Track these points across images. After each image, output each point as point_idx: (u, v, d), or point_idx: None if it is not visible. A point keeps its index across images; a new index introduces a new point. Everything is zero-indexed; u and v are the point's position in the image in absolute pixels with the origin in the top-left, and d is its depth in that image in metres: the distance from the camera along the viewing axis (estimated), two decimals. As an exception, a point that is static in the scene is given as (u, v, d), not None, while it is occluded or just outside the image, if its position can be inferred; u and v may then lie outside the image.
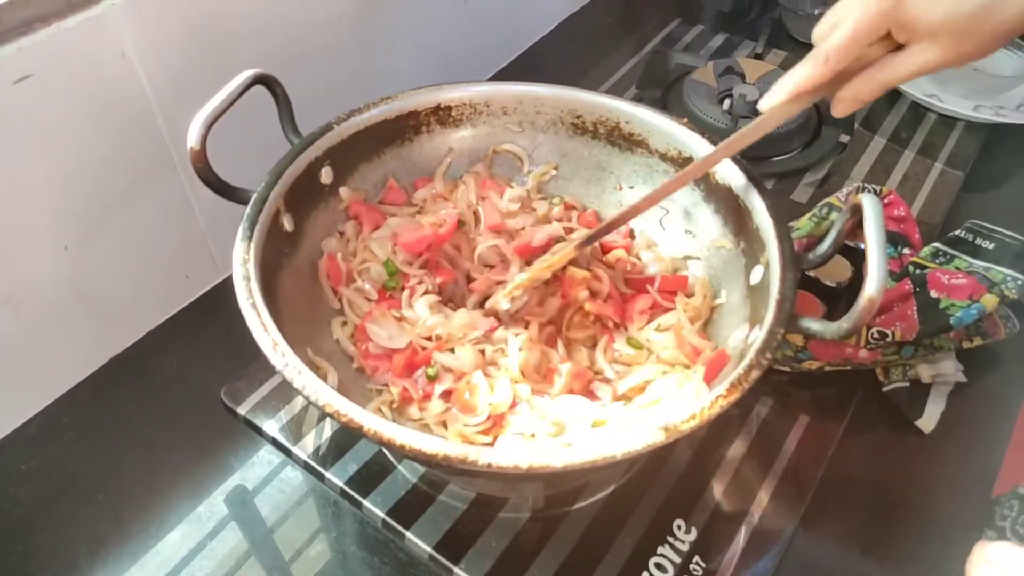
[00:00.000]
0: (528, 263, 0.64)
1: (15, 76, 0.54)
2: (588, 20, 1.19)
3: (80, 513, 0.61)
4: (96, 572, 0.58)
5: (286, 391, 0.65)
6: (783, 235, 0.53)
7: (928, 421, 0.65)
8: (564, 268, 0.61)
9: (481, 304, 0.64)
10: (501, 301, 0.59)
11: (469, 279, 0.65)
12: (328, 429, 0.63)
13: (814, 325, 0.47)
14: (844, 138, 0.92)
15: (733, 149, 0.55)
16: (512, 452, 0.42)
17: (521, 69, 1.08)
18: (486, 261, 0.66)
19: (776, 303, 0.49)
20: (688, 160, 0.63)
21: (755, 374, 0.45)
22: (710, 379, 0.54)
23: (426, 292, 0.61)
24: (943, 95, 0.97)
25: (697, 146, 0.62)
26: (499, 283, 0.63)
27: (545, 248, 0.64)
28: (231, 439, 0.66)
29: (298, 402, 0.65)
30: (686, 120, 0.64)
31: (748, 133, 0.54)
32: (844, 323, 0.45)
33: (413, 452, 0.42)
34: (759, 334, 0.48)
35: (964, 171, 0.89)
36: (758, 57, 1.05)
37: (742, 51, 1.08)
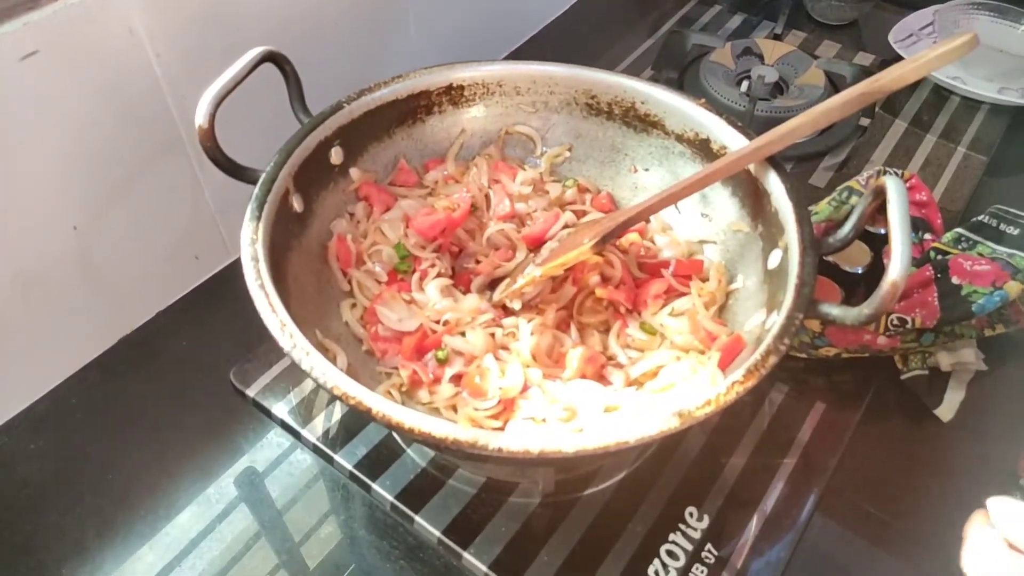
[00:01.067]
0: (535, 250, 0.63)
1: (22, 52, 0.54)
2: (603, 0, 1.17)
3: (88, 493, 0.61)
4: (104, 552, 0.58)
5: (295, 373, 0.65)
6: (803, 218, 0.52)
7: (947, 410, 0.64)
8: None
9: (487, 286, 0.63)
10: (513, 303, 0.59)
11: (477, 261, 0.64)
12: (337, 412, 0.63)
13: (834, 311, 0.46)
14: (864, 121, 0.90)
15: (764, 153, 0.54)
16: (523, 437, 0.41)
17: (534, 50, 1.07)
18: (494, 244, 0.65)
19: (795, 288, 0.48)
20: (706, 142, 0.62)
21: (772, 360, 0.44)
22: (725, 365, 0.53)
23: (438, 275, 0.60)
24: (967, 77, 0.94)
25: (715, 127, 0.61)
26: (502, 268, 0.62)
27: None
28: (240, 421, 0.65)
29: (307, 384, 0.64)
30: (704, 100, 0.62)
31: (783, 136, 0.52)
32: (865, 308, 0.44)
33: (422, 436, 0.41)
34: (777, 319, 0.47)
35: (988, 155, 0.87)
36: (777, 38, 1.03)
37: (760, 32, 1.06)
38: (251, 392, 0.64)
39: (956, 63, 0.95)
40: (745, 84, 0.91)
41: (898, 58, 0.98)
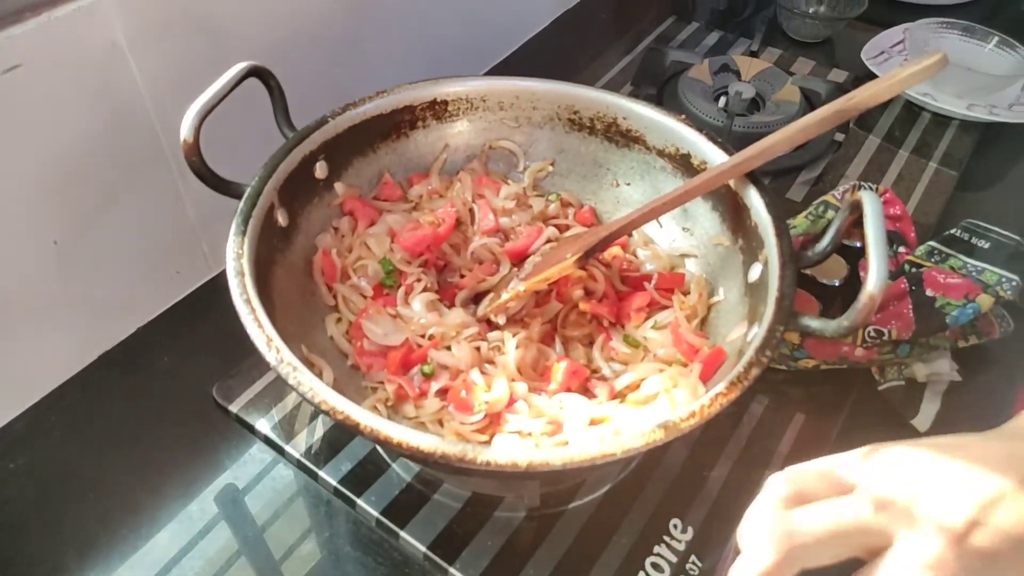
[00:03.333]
0: (519, 264, 0.63)
1: (4, 66, 0.53)
2: (583, 16, 1.18)
3: (68, 513, 0.60)
4: (86, 573, 0.57)
5: (279, 389, 0.64)
6: (782, 232, 0.53)
7: (924, 420, 0.65)
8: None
9: (471, 300, 0.63)
10: (498, 318, 0.59)
11: (462, 275, 0.65)
12: (321, 427, 0.62)
13: (814, 323, 0.47)
14: (839, 137, 0.92)
15: (743, 169, 0.55)
16: (510, 450, 0.41)
17: (516, 65, 1.07)
18: (478, 258, 0.66)
19: (776, 300, 0.49)
20: (686, 157, 0.63)
21: (755, 372, 0.45)
22: (707, 377, 0.54)
23: (424, 290, 0.60)
24: (936, 94, 0.97)
25: (695, 143, 0.62)
26: (486, 282, 0.63)
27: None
28: (222, 437, 0.65)
29: (291, 400, 0.64)
30: (684, 117, 0.63)
31: (762, 152, 0.53)
32: (844, 321, 0.44)
33: (410, 450, 0.41)
34: (758, 332, 0.48)
35: (958, 170, 0.89)
36: (753, 55, 1.04)
37: (737, 49, 1.08)
38: (234, 408, 0.63)
39: (926, 80, 0.98)
40: (723, 100, 0.92)
41: (871, 75, 1.01)
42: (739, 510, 0.57)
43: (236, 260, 0.50)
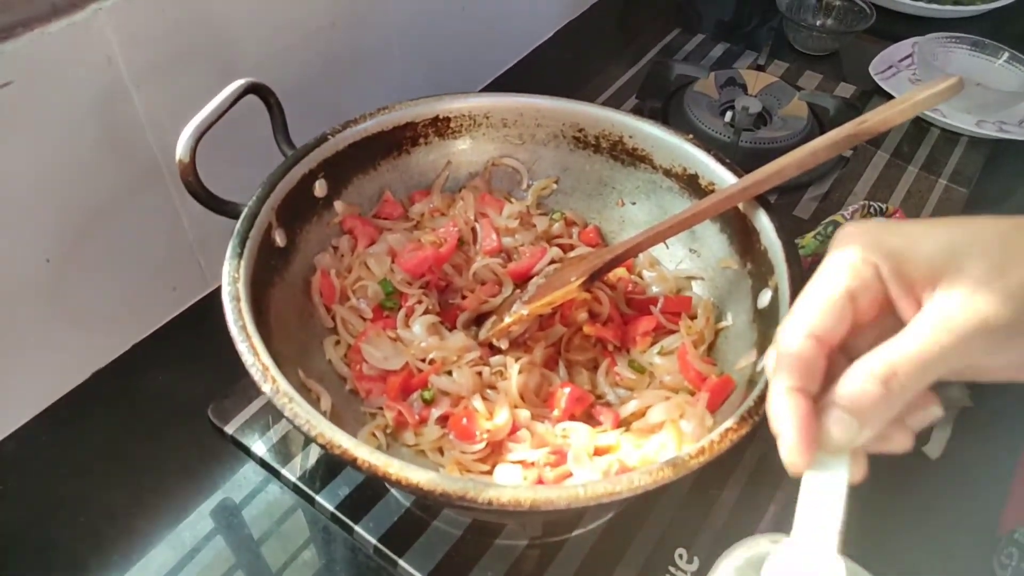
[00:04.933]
0: (521, 285, 0.62)
1: (-4, 83, 0.52)
2: (586, 29, 1.17)
3: (60, 536, 0.59)
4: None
5: (275, 409, 0.63)
6: (792, 258, 0.52)
7: (935, 447, 0.64)
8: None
9: (472, 322, 0.62)
10: (500, 342, 0.58)
11: (463, 296, 0.63)
12: (319, 450, 0.61)
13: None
14: (847, 152, 0.90)
15: (752, 192, 0.54)
16: (513, 488, 0.40)
17: (518, 78, 1.06)
18: (480, 278, 0.64)
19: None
20: (694, 177, 0.62)
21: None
22: (714, 406, 0.52)
23: (425, 312, 0.59)
24: (946, 110, 0.95)
25: (703, 163, 0.61)
26: (488, 304, 0.61)
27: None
28: (216, 457, 0.63)
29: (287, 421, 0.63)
30: (692, 136, 0.62)
31: (771, 176, 0.52)
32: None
33: (410, 487, 0.40)
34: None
35: (968, 188, 0.88)
36: (760, 68, 1.03)
37: (743, 61, 1.07)
38: (229, 429, 0.62)
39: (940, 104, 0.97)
40: (729, 114, 0.91)
41: (878, 89, 1.00)
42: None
43: (232, 284, 0.49)
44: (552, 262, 0.64)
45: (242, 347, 0.46)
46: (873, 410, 0.30)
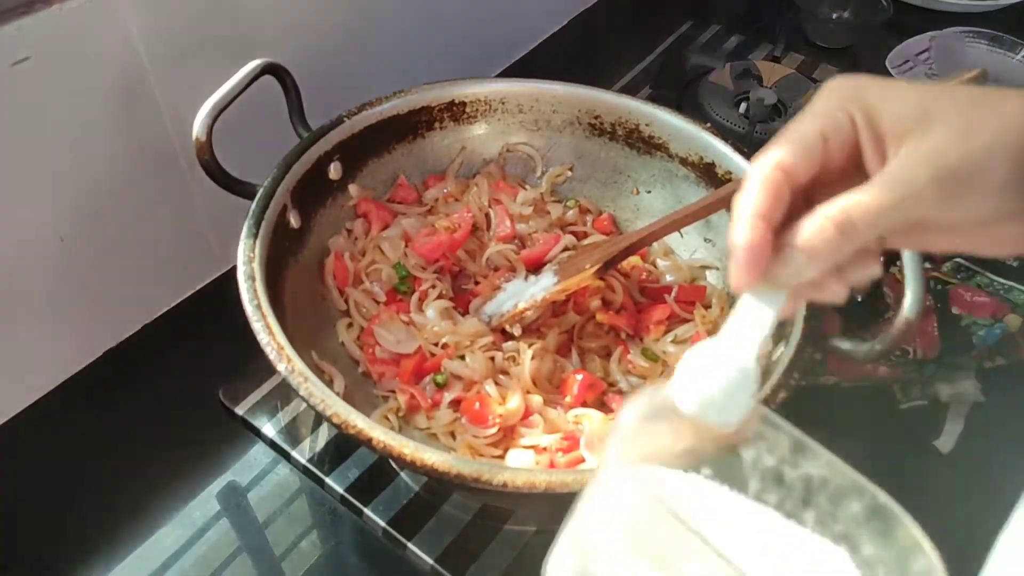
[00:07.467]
0: (535, 272, 0.62)
1: (13, 58, 0.52)
2: (600, 17, 1.16)
3: (69, 514, 0.59)
4: (87, 569, 0.56)
5: (286, 391, 0.63)
6: (810, 248, 0.51)
7: (946, 441, 0.63)
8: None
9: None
10: (513, 328, 0.58)
11: (476, 282, 0.63)
12: (328, 432, 0.61)
13: (845, 344, 0.45)
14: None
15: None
16: (528, 471, 0.40)
17: (531, 65, 1.05)
18: (494, 264, 0.64)
19: (803, 319, 0.47)
20: (710, 166, 0.61)
21: (782, 395, 0.43)
22: (729, 395, 0.52)
23: (439, 296, 0.59)
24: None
25: (720, 152, 0.60)
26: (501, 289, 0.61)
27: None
28: (225, 438, 0.63)
29: (298, 403, 0.63)
30: (709, 125, 0.62)
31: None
32: (877, 344, 0.43)
33: (424, 468, 0.40)
34: (785, 351, 0.46)
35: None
36: (775, 60, 1.03)
37: (759, 53, 1.06)
38: (240, 410, 0.62)
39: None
40: (744, 106, 0.91)
41: (895, 84, 0.99)
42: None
43: (247, 264, 0.49)
44: (566, 249, 0.63)
45: (257, 326, 0.46)
46: (824, 250, 0.31)
